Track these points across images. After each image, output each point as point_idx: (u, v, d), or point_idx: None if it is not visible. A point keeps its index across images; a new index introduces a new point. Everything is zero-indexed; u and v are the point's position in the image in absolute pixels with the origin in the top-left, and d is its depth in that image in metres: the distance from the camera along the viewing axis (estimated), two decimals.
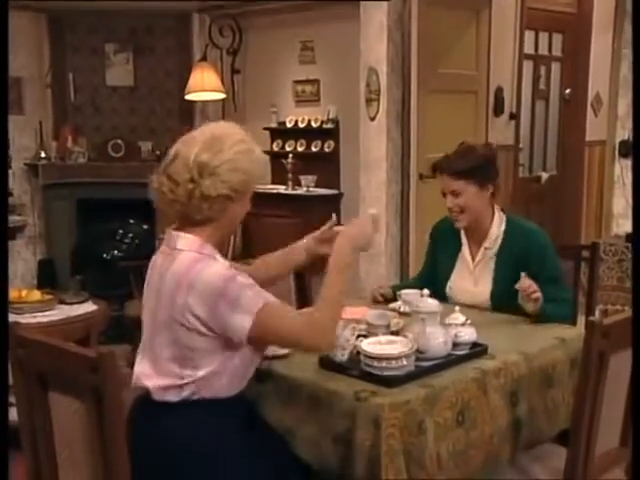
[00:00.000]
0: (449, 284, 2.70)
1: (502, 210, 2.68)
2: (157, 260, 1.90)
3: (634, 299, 2.08)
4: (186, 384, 1.81)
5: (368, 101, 4.81)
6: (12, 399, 1.87)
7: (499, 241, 2.62)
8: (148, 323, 1.89)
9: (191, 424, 1.82)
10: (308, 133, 5.31)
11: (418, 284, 2.78)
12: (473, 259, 2.66)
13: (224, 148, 1.81)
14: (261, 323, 1.76)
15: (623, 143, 6.40)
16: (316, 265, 2.43)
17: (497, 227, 2.62)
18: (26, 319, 3.41)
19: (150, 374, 1.85)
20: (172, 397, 1.82)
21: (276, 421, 2.00)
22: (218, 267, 1.79)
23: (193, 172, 1.79)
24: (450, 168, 2.56)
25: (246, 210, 1.92)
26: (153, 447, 1.81)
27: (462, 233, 2.70)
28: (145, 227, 5.48)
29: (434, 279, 2.73)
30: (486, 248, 2.63)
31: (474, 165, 2.55)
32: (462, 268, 2.69)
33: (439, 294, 2.68)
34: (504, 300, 2.53)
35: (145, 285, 1.93)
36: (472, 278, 2.66)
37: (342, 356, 2.01)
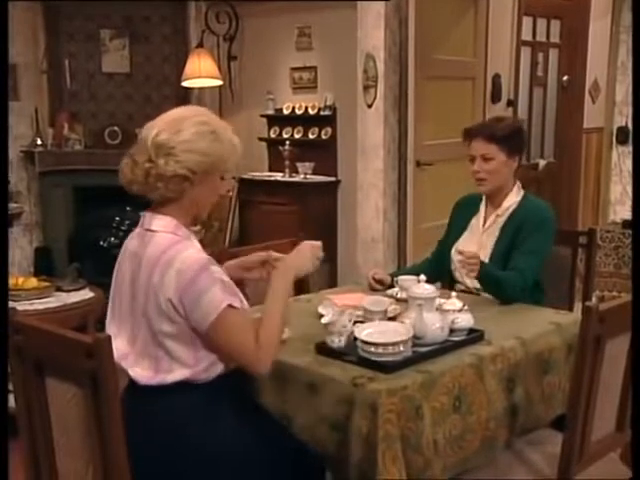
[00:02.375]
0: (456, 245, 2.74)
1: (522, 187, 2.73)
2: (131, 242, 1.92)
3: (634, 284, 2.08)
4: (164, 371, 1.82)
5: (365, 88, 4.79)
6: (11, 386, 1.87)
7: (510, 211, 2.67)
8: (125, 307, 1.87)
9: (177, 408, 1.82)
10: (305, 120, 5.29)
11: (427, 265, 2.84)
12: (484, 225, 2.72)
13: (182, 129, 1.82)
14: (220, 324, 1.77)
15: (620, 130, 6.40)
16: None
17: (513, 198, 2.69)
18: (23, 306, 3.41)
19: (131, 361, 1.85)
20: (154, 381, 1.83)
21: (273, 407, 2.01)
22: (194, 251, 1.81)
23: (151, 152, 1.81)
24: (484, 132, 2.65)
25: (217, 193, 1.92)
26: (140, 434, 1.80)
27: (482, 202, 2.76)
28: (142, 214, 5.46)
29: (444, 256, 2.77)
30: (497, 215, 2.70)
31: (507, 133, 2.65)
32: (472, 233, 2.75)
33: (449, 262, 2.72)
34: (500, 268, 2.57)
35: (117, 267, 1.93)
36: (478, 243, 2.70)
37: (339, 342, 2.01)
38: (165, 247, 1.80)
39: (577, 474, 1.91)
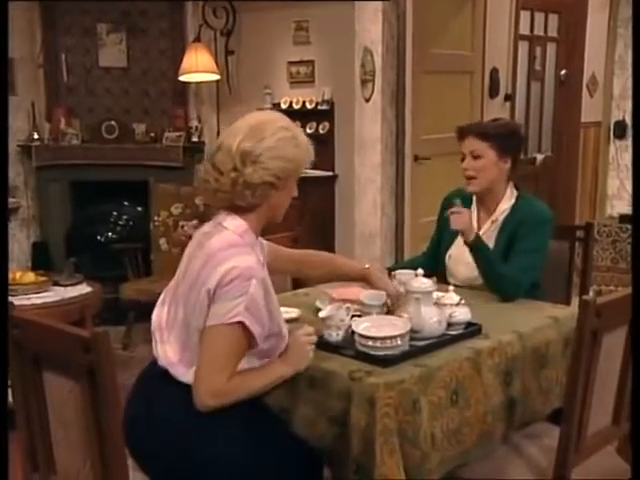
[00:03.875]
0: (449, 252, 2.72)
1: (517, 188, 2.69)
2: (204, 229, 1.93)
3: (634, 277, 2.08)
4: (186, 363, 1.83)
5: (363, 82, 4.80)
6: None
7: (505, 216, 2.63)
8: (173, 285, 1.92)
9: (184, 407, 1.81)
10: (303, 114, 5.27)
11: (423, 259, 2.82)
12: (478, 231, 2.66)
13: (266, 136, 1.82)
14: (216, 333, 1.75)
15: (618, 124, 6.41)
16: (312, 246, 2.46)
17: (507, 202, 2.65)
18: (20, 301, 3.42)
19: (164, 337, 1.88)
20: (175, 369, 1.84)
21: (272, 401, 2.01)
22: (250, 259, 1.79)
23: (236, 161, 1.81)
24: (476, 130, 2.63)
25: (291, 196, 1.94)
26: (144, 415, 1.84)
27: (473, 204, 2.72)
28: (139, 209, 5.46)
29: (439, 252, 2.76)
30: (492, 222, 2.66)
31: (498, 132, 2.61)
32: None
33: (442, 266, 2.71)
34: None
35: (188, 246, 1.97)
36: None
37: (337, 336, 2.01)
38: (226, 245, 1.80)
39: (574, 467, 1.92)
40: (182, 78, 5.29)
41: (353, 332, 1.98)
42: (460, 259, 2.68)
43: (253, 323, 1.76)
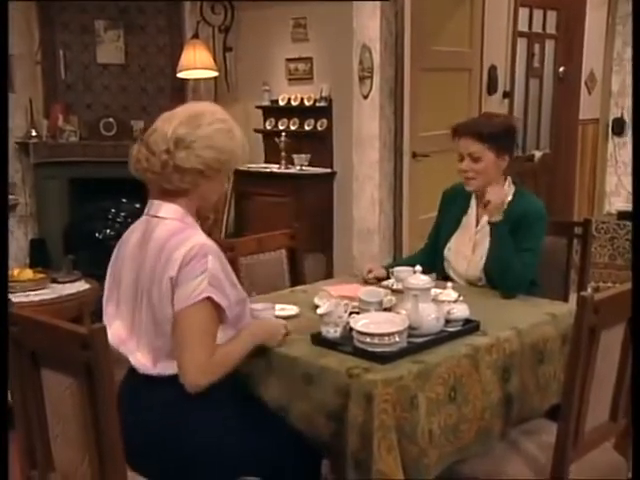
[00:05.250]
0: (448, 245, 2.73)
1: (514, 183, 2.68)
2: (137, 227, 1.93)
3: (634, 273, 2.08)
4: (163, 359, 1.84)
5: (361, 79, 4.79)
6: None
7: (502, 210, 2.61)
8: (125, 290, 1.90)
9: (174, 399, 1.82)
10: (301, 111, 5.28)
11: (421, 256, 2.83)
12: (477, 225, 2.68)
13: (202, 124, 1.86)
14: (189, 314, 1.78)
15: (616, 121, 6.41)
16: (310, 243, 2.47)
17: (504, 198, 2.63)
18: (18, 298, 3.42)
19: (132, 347, 1.88)
20: (154, 371, 1.85)
21: (269, 397, 2.01)
22: (201, 237, 1.84)
23: (170, 144, 1.84)
24: (473, 130, 2.58)
25: (221, 190, 1.98)
26: (138, 423, 1.83)
27: (472, 198, 2.72)
28: (137, 206, 5.43)
29: (437, 246, 2.76)
30: None
31: (496, 131, 2.58)
32: (464, 232, 2.72)
33: (440, 262, 2.71)
34: None
35: (117, 250, 1.95)
36: (471, 243, 2.68)
37: (335, 333, 2.02)
38: (174, 232, 1.83)
39: (572, 463, 1.92)
40: (180, 75, 5.28)
41: (351, 329, 1.98)
42: (459, 252, 2.69)
43: (220, 297, 1.80)
